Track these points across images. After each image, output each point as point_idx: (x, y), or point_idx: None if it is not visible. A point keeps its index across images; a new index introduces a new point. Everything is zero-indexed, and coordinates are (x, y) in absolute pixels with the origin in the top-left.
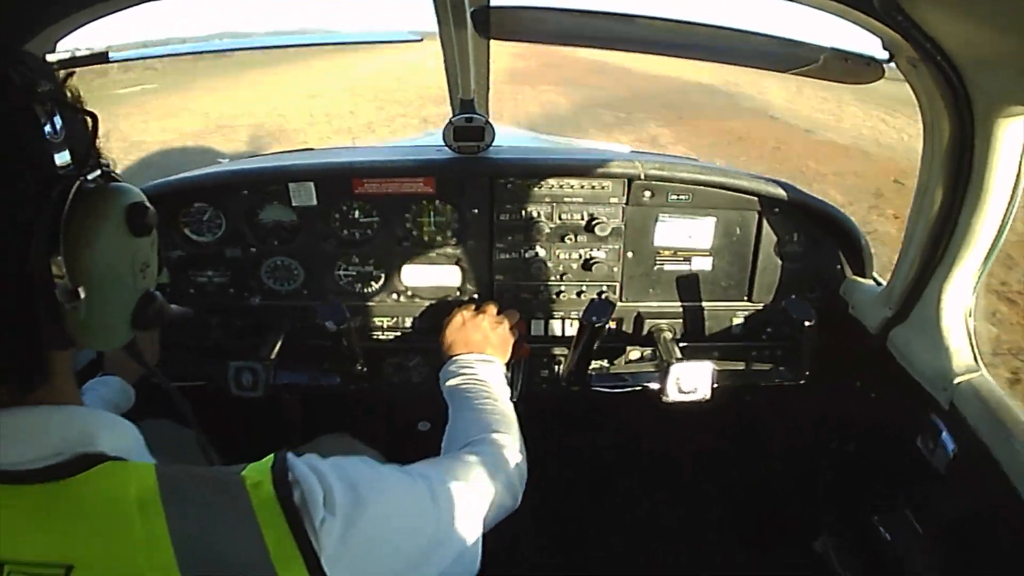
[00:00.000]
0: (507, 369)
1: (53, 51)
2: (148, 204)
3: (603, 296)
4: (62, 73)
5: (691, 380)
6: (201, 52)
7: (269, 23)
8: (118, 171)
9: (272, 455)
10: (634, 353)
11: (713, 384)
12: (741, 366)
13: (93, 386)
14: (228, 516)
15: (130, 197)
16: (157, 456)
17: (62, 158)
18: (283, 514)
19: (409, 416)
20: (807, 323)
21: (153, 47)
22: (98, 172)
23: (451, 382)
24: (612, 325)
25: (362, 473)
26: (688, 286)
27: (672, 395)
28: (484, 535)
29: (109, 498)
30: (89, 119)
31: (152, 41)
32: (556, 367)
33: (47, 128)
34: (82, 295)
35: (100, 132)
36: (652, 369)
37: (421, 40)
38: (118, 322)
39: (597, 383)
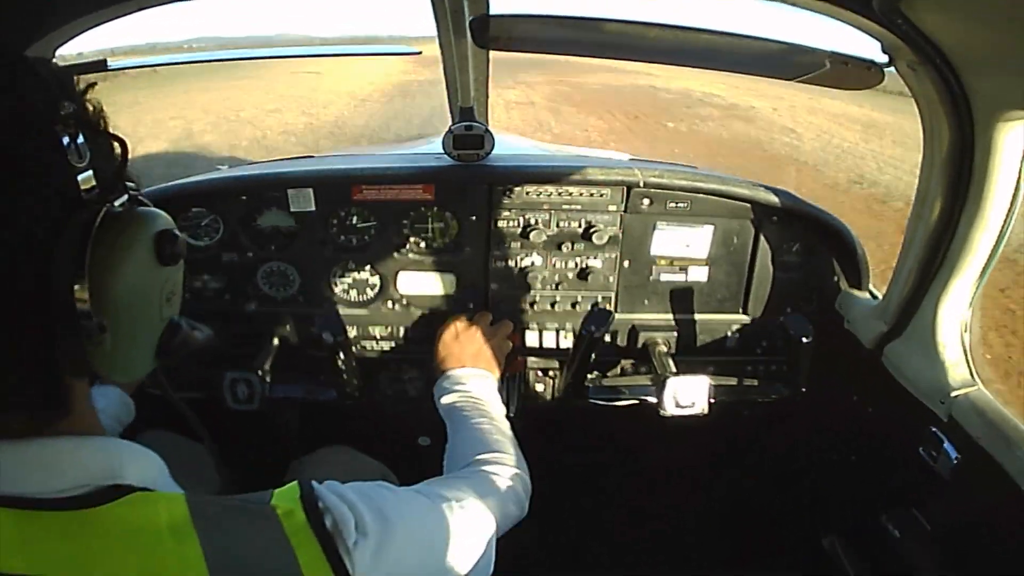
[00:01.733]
0: (502, 383)
1: (52, 57)
2: (178, 232)
3: (599, 307)
4: (82, 84)
5: (688, 394)
6: (202, 61)
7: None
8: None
9: (295, 483)
10: (628, 366)
11: (710, 399)
12: (735, 381)
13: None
14: (262, 540)
15: (159, 224)
16: None
17: (86, 180)
18: (316, 539)
19: (408, 430)
20: (804, 339)
21: (152, 55)
22: (125, 197)
23: (446, 399)
24: (607, 338)
25: (385, 498)
26: (683, 297)
27: (670, 409)
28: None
29: (140, 525)
30: (118, 144)
31: (140, 47)
32: (551, 380)
33: (70, 151)
34: (107, 327)
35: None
36: (648, 382)
37: (420, 53)
38: (143, 354)
39: (595, 396)
